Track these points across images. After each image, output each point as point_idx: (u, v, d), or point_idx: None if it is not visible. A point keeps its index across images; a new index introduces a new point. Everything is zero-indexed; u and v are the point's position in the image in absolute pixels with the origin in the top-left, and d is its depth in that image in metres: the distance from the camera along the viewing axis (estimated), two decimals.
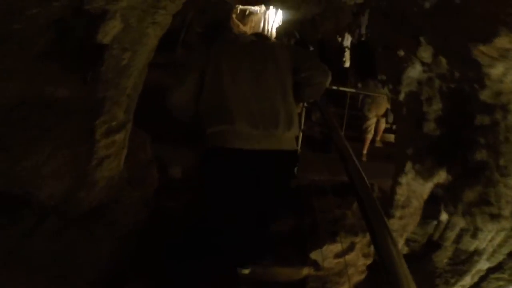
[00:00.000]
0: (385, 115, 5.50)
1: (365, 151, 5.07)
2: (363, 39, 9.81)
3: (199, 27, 7.46)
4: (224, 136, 1.46)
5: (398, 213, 2.42)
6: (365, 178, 1.35)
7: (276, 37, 10.84)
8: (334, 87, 4.43)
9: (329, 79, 1.70)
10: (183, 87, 1.57)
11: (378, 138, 5.47)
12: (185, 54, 6.81)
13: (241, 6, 10.16)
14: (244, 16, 10.98)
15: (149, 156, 2.54)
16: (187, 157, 2.78)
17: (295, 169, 1.71)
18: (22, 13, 1.21)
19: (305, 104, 3.39)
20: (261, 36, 1.98)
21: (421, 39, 1.93)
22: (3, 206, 1.45)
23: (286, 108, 1.53)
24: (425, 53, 1.88)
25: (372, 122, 5.14)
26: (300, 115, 3.29)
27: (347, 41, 12.09)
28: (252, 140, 1.45)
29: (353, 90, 5.27)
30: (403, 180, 2.42)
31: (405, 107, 2.27)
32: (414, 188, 2.44)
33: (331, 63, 8.73)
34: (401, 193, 2.53)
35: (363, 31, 9.47)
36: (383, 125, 5.44)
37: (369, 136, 5.11)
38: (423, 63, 1.96)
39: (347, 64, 11.72)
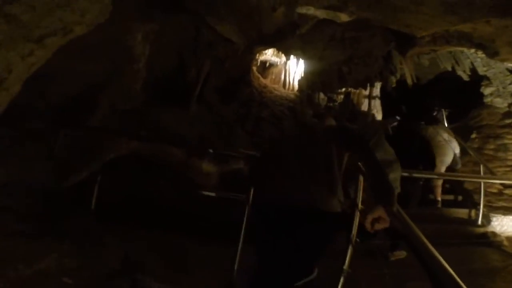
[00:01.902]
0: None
1: (439, 198, 4.74)
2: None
3: (218, 81, 6.64)
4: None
5: None
6: None
7: (299, 90, 9.99)
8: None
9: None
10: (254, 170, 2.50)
11: (439, 198, 4.73)
12: (201, 111, 5.94)
13: (261, 58, 9.59)
14: (265, 69, 10.46)
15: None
16: None
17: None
18: None
19: None
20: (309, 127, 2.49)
21: None
22: None
23: (325, 182, 1.95)
24: None
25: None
26: None
27: (376, 89, 11.24)
28: (289, 199, 1.92)
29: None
30: None
31: None
32: None
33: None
34: None
35: (397, 76, 8.50)
36: (440, 182, 4.82)
37: (439, 183, 4.82)
38: None
39: (378, 116, 10.82)
